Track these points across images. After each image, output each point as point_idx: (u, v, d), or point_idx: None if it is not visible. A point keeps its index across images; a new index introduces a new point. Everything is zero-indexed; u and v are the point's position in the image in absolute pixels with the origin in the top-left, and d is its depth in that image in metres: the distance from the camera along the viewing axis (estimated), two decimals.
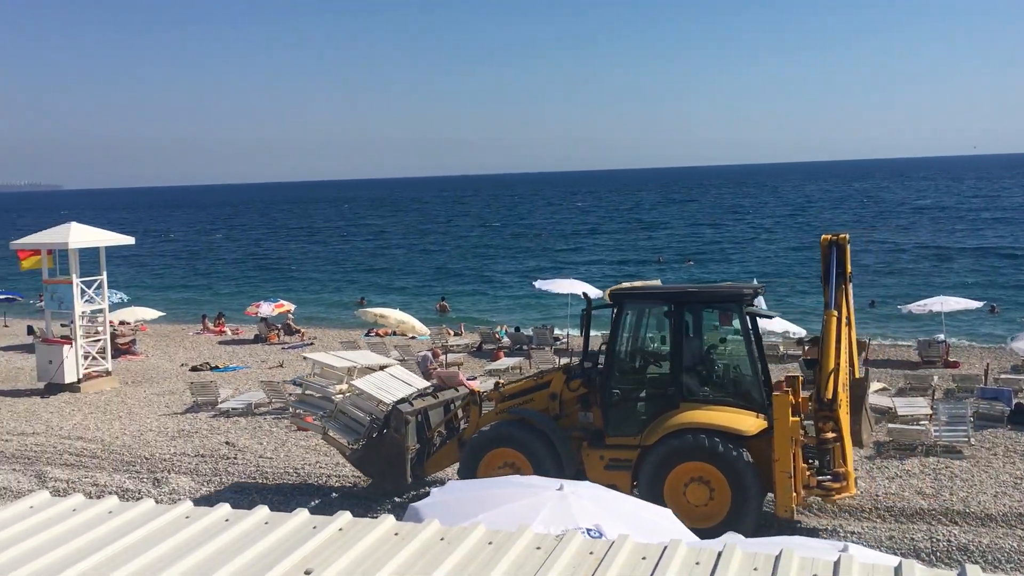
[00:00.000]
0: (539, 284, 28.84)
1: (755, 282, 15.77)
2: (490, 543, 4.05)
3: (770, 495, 11.60)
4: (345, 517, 4.26)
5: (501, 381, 15.30)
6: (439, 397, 14.64)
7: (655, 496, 10.96)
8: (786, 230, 74.89)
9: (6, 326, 35.46)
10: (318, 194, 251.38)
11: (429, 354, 23.00)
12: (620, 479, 11.62)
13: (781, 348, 24.63)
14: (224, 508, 4.56)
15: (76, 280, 22.37)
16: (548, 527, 5.61)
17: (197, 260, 71.81)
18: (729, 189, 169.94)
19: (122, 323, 29.90)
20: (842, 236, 12.45)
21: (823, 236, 12.65)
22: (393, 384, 14.84)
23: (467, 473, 12.43)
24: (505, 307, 41.95)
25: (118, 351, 26.36)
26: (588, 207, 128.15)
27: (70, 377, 21.97)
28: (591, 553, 3.95)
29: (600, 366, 12.60)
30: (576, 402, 12.62)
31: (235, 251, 79.32)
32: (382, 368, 16.10)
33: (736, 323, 12.27)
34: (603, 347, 12.70)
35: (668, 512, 7.18)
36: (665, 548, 3.94)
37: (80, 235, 22.63)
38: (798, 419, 11.31)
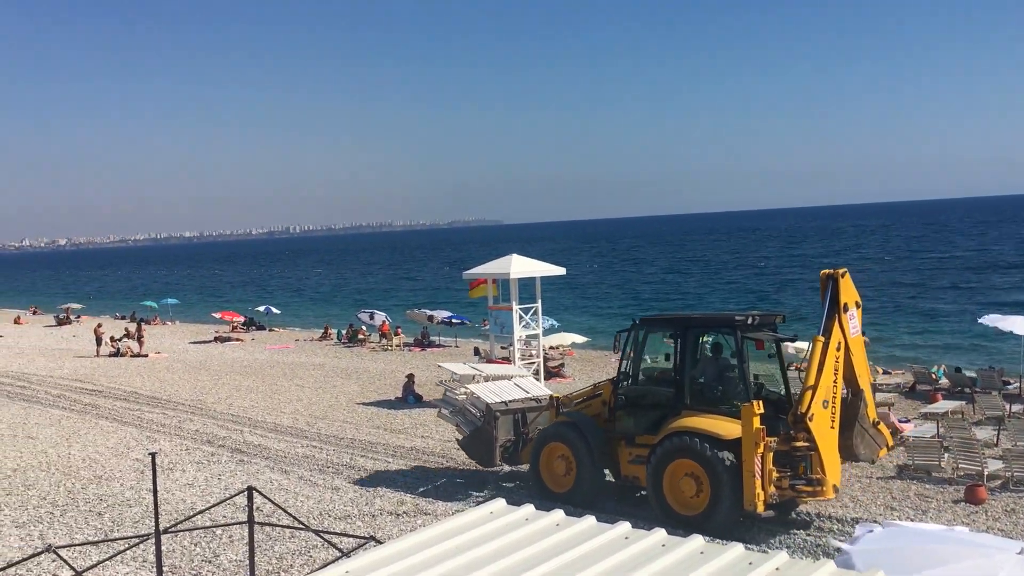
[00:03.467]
0: (987, 320, 25.63)
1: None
2: None
3: None
4: (782, 557, 4.19)
5: None
6: (541, 402, 17.14)
7: (656, 486, 13.48)
8: None
9: (457, 346, 40.05)
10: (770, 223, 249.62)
11: None
12: (640, 471, 14.17)
13: None
14: (660, 533, 4.71)
15: (516, 307, 24.62)
16: None
17: (620, 289, 75.22)
18: None
19: (552, 347, 32.24)
20: (839, 270, 13.65)
21: (822, 271, 13.93)
22: (508, 390, 17.65)
23: (533, 460, 15.33)
24: (944, 344, 38.27)
25: (549, 373, 28.43)
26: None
27: None
28: None
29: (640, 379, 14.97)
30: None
31: (670, 279, 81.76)
32: (509, 378, 19.10)
33: (770, 347, 14.33)
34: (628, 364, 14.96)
35: None
36: None
37: (520, 266, 24.90)
38: (762, 427, 12.58)
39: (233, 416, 24.20)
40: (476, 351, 35.01)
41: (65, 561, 5.89)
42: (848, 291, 13.58)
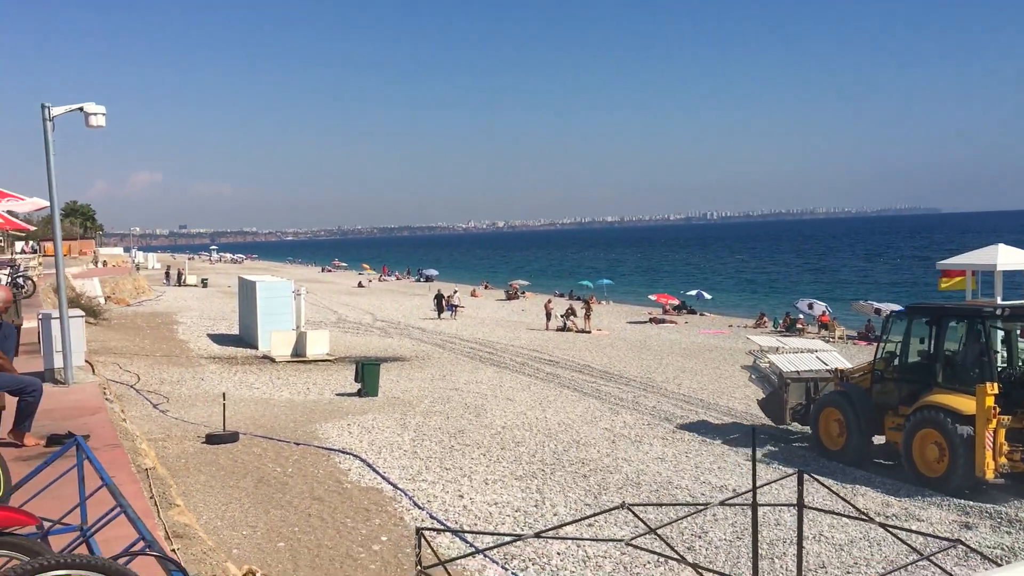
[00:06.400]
0: None
1: None
2: None
3: None
4: None
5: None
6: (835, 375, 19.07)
7: (908, 450, 15.51)
8: None
9: None
10: None
11: None
12: (898, 437, 16.12)
13: None
14: None
15: (1000, 302, 21.92)
16: None
17: None
18: None
19: None
20: None
21: None
22: (806, 361, 20.44)
23: (813, 421, 18.11)
24: None
25: None
26: None
27: None
28: None
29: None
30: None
31: None
32: (812, 351, 21.53)
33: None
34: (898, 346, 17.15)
35: None
36: None
37: (1008, 257, 22.13)
38: (995, 405, 14.30)
39: (684, 396, 24.60)
40: None
41: (639, 517, 6.12)
42: None
